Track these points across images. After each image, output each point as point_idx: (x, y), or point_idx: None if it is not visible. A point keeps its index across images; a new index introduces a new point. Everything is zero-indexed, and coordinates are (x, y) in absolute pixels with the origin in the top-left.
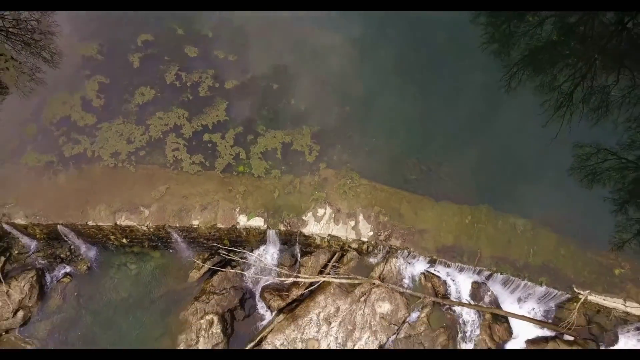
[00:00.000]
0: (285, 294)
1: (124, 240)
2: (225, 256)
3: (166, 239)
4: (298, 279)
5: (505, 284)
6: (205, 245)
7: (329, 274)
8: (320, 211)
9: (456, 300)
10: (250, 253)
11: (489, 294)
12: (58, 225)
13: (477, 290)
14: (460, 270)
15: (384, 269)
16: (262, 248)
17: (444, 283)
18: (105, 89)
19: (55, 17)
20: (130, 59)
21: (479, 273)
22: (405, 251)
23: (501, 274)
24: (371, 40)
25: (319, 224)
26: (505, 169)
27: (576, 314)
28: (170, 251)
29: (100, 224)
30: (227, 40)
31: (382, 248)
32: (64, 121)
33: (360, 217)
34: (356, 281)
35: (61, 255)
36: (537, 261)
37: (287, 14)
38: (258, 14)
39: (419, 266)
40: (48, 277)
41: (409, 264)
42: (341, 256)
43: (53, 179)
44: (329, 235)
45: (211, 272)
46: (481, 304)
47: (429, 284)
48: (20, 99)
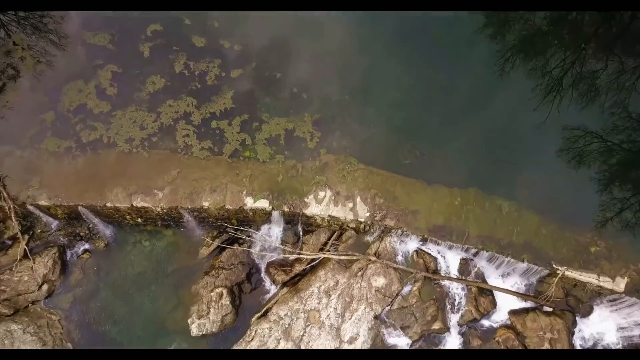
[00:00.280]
0: (289, 269)
1: (139, 220)
2: (233, 234)
3: (178, 219)
4: (300, 256)
5: (490, 260)
6: (214, 225)
7: (329, 250)
8: (321, 194)
9: (445, 275)
10: (256, 232)
11: (476, 269)
12: (78, 207)
13: (465, 266)
14: (450, 248)
15: (379, 247)
16: (267, 227)
17: (435, 259)
18: (118, 78)
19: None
20: (140, 48)
21: (466, 250)
22: (399, 230)
23: (487, 251)
24: (371, 32)
25: (319, 206)
26: (493, 155)
27: (555, 288)
28: (182, 229)
29: (117, 205)
30: (233, 30)
31: (378, 227)
32: (80, 109)
33: (358, 199)
34: (354, 257)
35: (80, 233)
36: (520, 240)
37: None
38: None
39: (412, 244)
40: (69, 254)
41: (403, 242)
42: (340, 235)
43: (73, 163)
44: (329, 215)
45: (220, 249)
46: (468, 278)
47: (421, 260)
48: (37, 88)
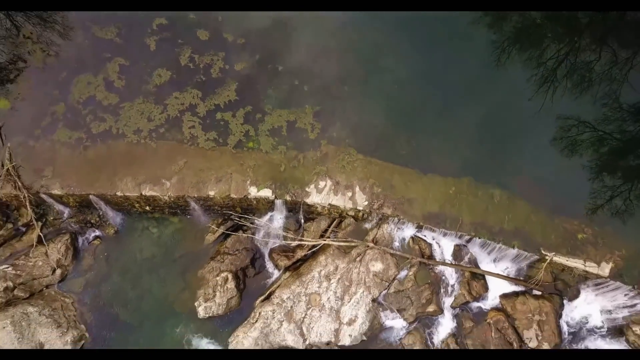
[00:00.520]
0: (291, 254)
1: (147, 208)
2: (238, 222)
3: (184, 207)
4: (302, 242)
5: (482, 246)
6: (219, 212)
7: (329, 237)
8: (322, 183)
9: (440, 260)
10: (259, 219)
11: (469, 255)
12: (90, 195)
13: (459, 252)
14: (444, 235)
15: (377, 233)
16: (270, 215)
17: (430, 246)
18: (126, 71)
19: None
20: (147, 42)
21: (460, 237)
22: (396, 218)
23: (479, 238)
24: (370, 25)
25: (320, 195)
26: (486, 145)
27: (543, 272)
28: (188, 217)
29: (127, 194)
30: (236, 24)
31: (376, 215)
32: (90, 100)
33: (357, 189)
34: (353, 244)
35: (91, 220)
36: (511, 227)
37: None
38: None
39: (408, 231)
40: (80, 240)
41: (399, 229)
42: (340, 222)
43: (83, 153)
44: (329, 204)
45: (225, 236)
46: (462, 263)
47: (417, 247)
48: (47, 80)
